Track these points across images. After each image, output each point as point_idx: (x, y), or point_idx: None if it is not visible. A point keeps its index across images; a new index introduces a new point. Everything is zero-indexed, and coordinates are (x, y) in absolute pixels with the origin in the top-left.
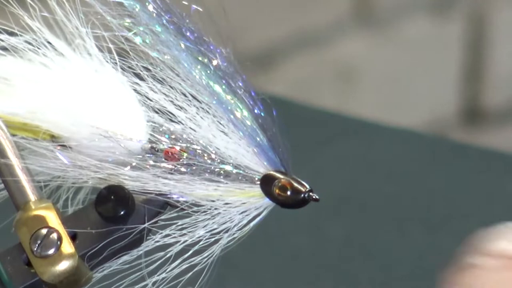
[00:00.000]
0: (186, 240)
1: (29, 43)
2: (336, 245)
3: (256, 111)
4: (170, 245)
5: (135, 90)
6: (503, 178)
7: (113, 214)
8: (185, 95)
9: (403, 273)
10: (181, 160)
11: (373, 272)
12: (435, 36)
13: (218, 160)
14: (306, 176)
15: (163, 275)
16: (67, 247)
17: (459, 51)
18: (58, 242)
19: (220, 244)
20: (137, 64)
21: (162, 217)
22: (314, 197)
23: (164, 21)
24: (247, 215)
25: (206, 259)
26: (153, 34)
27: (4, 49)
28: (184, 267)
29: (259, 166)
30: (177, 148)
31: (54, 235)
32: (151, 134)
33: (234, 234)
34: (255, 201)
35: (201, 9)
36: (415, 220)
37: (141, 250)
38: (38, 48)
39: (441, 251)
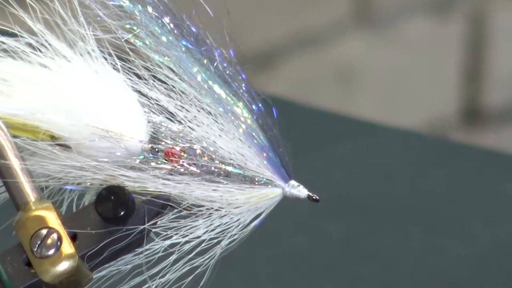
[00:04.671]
0: (187, 241)
1: (30, 44)
2: (336, 245)
3: (256, 111)
4: (171, 246)
5: (135, 90)
6: (503, 178)
7: (113, 215)
8: (185, 96)
9: (403, 273)
10: (181, 161)
11: (373, 272)
12: (435, 36)
13: (218, 161)
14: (306, 176)
15: (165, 277)
16: (67, 247)
17: (459, 51)
18: (58, 243)
19: (221, 245)
20: (137, 65)
21: (162, 218)
22: (314, 197)
23: (164, 23)
24: (247, 215)
25: (207, 260)
26: (153, 35)
27: (4, 50)
28: (185, 268)
29: (260, 167)
30: (177, 148)
31: (54, 236)
32: (151, 135)
33: (234, 235)
34: (255, 201)
35: (201, 10)
36: (415, 220)
37: (141, 251)
38: (39, 50)
39: (441, 251)
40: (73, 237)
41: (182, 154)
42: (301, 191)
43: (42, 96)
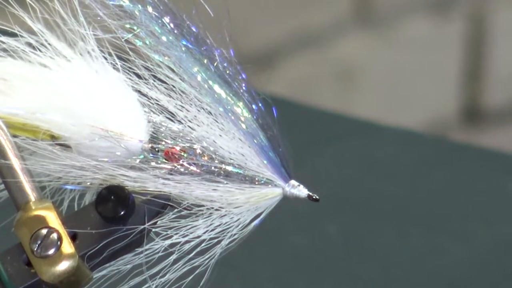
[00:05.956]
0: (187, 241)
1: (30, 44)
2: (336, 245)
3: (256, 111)
4: (171, 245)
5: (135, 90)
6: (503, 178)
7: (113, 214)
8: (185, 95)
9: (403, 273)
10: (181, 160)
11: (373, 272)
12: (435, 36)
13: (218, 160)
14: (306, 176)
15: (165, 277)
16: (67, 247)
17: (459, 51)
18: (58, 242)
19: (221, 245)
20: (137, 65)
21: (162, 218)
22: (314, 197)
23: (164, 22)
24: (247, 215)
25: (207, 260)
26: (153, 35)
27: (4, 50)
28: (185, 268)
29: (260, 166)
30: (178, 148)
31: (54, 235)
32: (151, 134)
33: (234, 234)
34: (255, 201)
35: (201, 10)
36: (415, 220)
37: (141, 251)
38: (39, 49)
39: (441, 251)
40: (73, 237)
41: (182, 153)
42: (301, 191)
43: (42, 95)
